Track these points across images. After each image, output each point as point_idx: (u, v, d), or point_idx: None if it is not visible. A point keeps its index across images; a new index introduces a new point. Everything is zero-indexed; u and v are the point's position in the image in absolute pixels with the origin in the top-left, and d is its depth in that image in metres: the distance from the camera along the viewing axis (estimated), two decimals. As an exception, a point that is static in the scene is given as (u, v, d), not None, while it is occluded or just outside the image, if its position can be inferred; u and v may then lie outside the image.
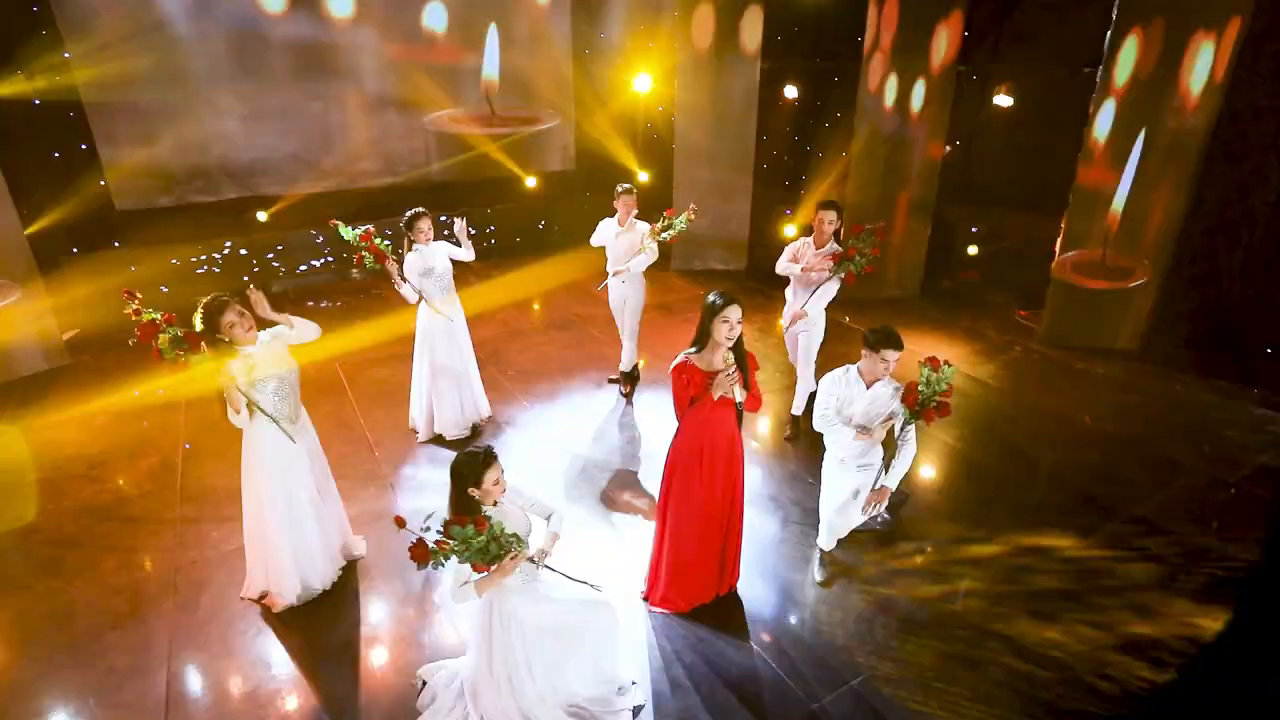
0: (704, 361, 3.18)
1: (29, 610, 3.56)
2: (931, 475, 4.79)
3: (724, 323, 3.06)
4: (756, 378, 3.30)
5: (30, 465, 4.76)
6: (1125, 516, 4.33)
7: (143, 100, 7.33)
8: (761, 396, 3.38)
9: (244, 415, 3.25)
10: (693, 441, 3.30)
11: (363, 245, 4.38)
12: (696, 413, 3.20)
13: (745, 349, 3.25)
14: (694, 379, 3.17)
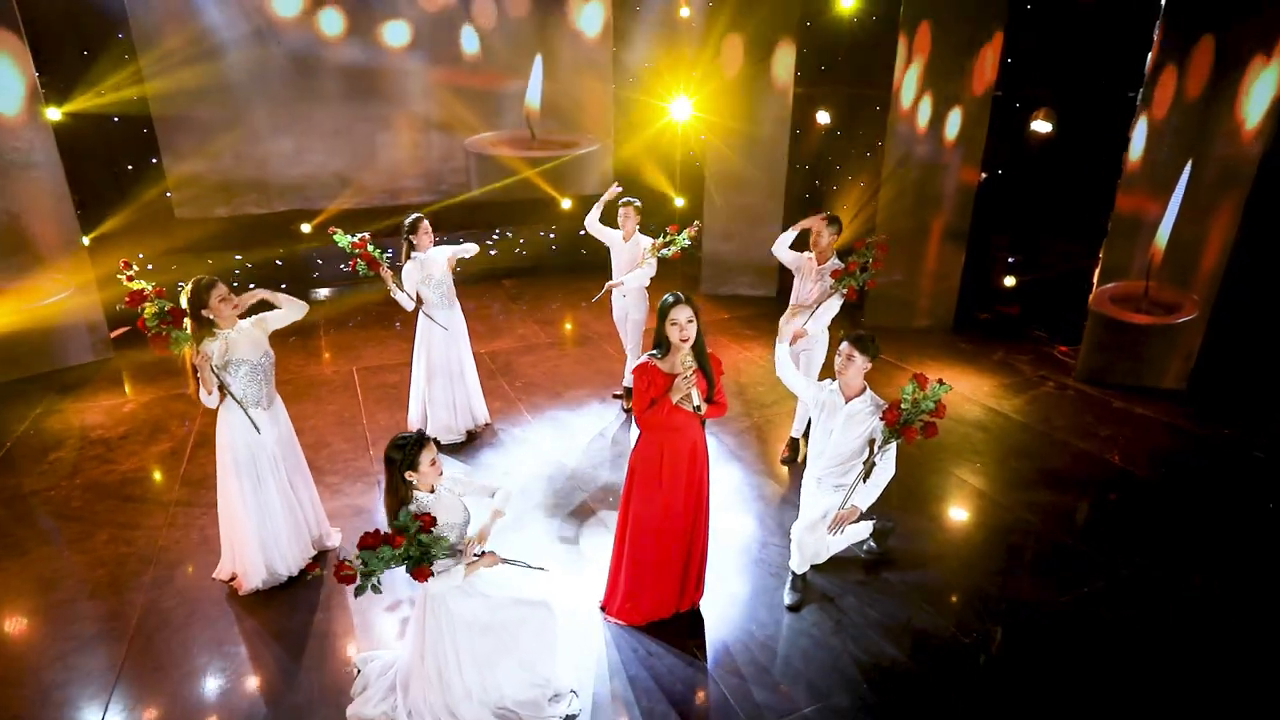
0: (667, 364, 3.12)
1: (21, 572, 3.76)
2: (929, 505, 4.53)
3: (673, 325, 3.01)
4: (721, 383, 3.22)
5: (54, 443, 5.07)
6: (1131, 569, 3.98)
7: (205, 116, 7.89)
8: (726, 403, 3.29)
9: (214, 396, 3.37)
10: (653, 447, 3.23)
11: (356, 252, 4.53)
12: (656, 416, 3.13)
13: (708, 352, 3.18)
14: (655, 381, 3.11)
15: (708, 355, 3.17)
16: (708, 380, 3.16)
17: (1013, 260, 7.61)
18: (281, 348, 6.95)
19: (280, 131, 8.34)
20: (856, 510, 3.40)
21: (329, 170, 8.71)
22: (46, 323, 6.12)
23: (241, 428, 3.46)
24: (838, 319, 4.77)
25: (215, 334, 3.36)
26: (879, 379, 6.37)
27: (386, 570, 2.47)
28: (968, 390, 6.20)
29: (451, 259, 4.92)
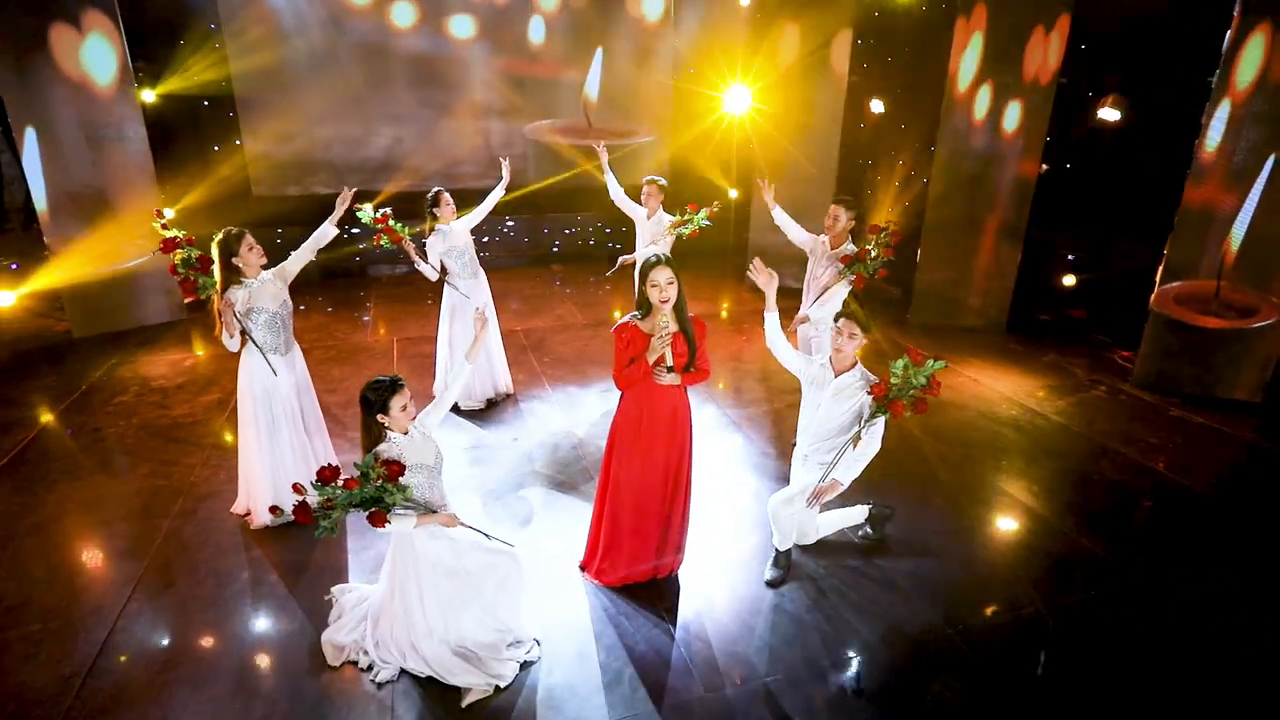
0: (647, 325, 3.15)
1: (73, 494, 4.18)
2: (938, 497, 4.36)
3: (653, 286, 3.03)
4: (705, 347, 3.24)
5: (121, 389, 5.57)
6: (1151, 574, 3.71)
7: (282, 100, 8.44)
8: (709, 369, 3.30)
9: (235, 340, 3.64)
10: (632, 409, 3.27)
11: (378, 227, 4.76)
12: (633, 375, 3.16)
13: (690, 315, 3.19)
14: (634, 340, 3.15)
15: (689, 318, 3.18)
16: (689, 343, 3.16)
17: (1075, 258, 7.17)
18: (332, 317, 7.42)
19: (348, 116, 8.83)
20: (838, 484, 3.33)
21: (392, 153, 9.14)
22: (130, 285, 6.70)
23: (260, 371, 3.73)
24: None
25: (242, 282, 3.63)
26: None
27: (346, 514, 2.61)
28: (1007, 389, 5.91)
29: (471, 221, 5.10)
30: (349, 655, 3.00)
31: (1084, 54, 6.60)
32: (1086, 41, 6.56)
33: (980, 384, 6.04)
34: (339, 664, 2.97)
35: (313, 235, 3.96)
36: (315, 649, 3.04)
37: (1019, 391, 5.90)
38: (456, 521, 2.89)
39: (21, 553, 3.66)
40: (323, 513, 2.58)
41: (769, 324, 3.52)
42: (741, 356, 6.46)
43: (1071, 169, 6.97)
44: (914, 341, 6.92)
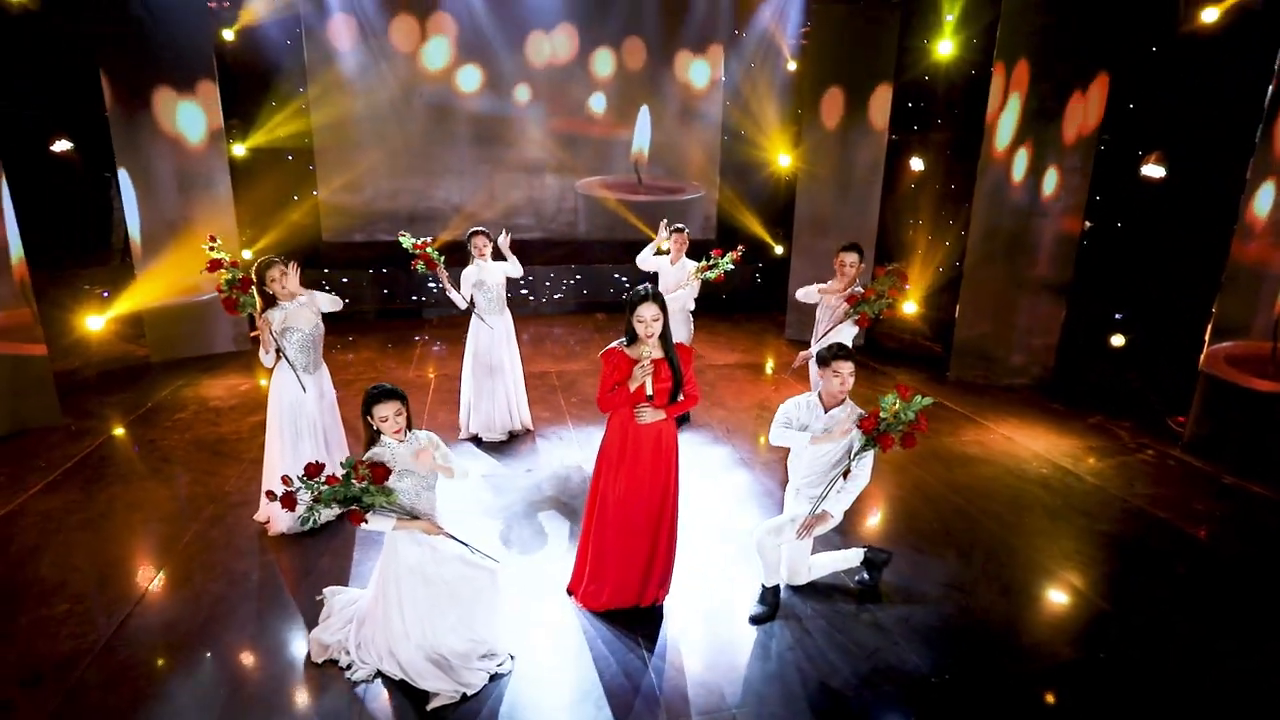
0: (634, 352, 3.28)
1: (120, 495, 4.56)
2: (943, 546, 4.22)
3: (639, 321, 3.17)
4: (692, 372, 3.34)
5: (181, 407, 6.06)
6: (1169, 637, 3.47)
7: (356, 156, 9.22)
8: (697, 395, 3.39)
9: (271, 355, 3.98)
10: (617, 433, 3.38)
11: (417, 253, 5.13)
12: (615, 400, 3.28)
13: (675, 343, 3.31)
14: (619, 366, 3.28)
15: (674, 347, 3.30)
16: (674, 372, 3.27)
17: (1124, 317, 6.91)
18: (382, 354, 7.86)
19: (414, 169, 9.54)
20: (828, 516, 3.32)
21: (451, 205, 9.77)
22: (202, 316, 7.34)
23: (289, 387, 4.05)
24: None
25: (280, 304, 3.99)
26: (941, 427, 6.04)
27: (328, 507, 2.80)
28: (1041, 448, 5.69)
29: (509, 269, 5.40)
30: (332, 654, 3.13)
31: (1131, 112, 6.53)
32: (1133, 99, 6.50)
33: (1013, 442, 5.84)
34: (321, 661, 3.11)
35: (338, 302, 4.31)
36: (304, 645, 3.19)
37: (1054, 451, 5.67)
38: (437, 529, 3.03)
39: (68, 543, 4.01)
40: (311, 505, 2.78)
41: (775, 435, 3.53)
42: (768, 404, 6.46)
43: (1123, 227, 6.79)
44: (951, 399, 6.78)
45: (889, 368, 7.76)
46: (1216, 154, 5.84)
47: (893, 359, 8.06)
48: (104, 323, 6.99)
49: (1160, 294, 6.54)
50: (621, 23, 9.57)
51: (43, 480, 4.73)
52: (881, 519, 4.63)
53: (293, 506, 2.80)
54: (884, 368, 7.76)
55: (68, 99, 6.54)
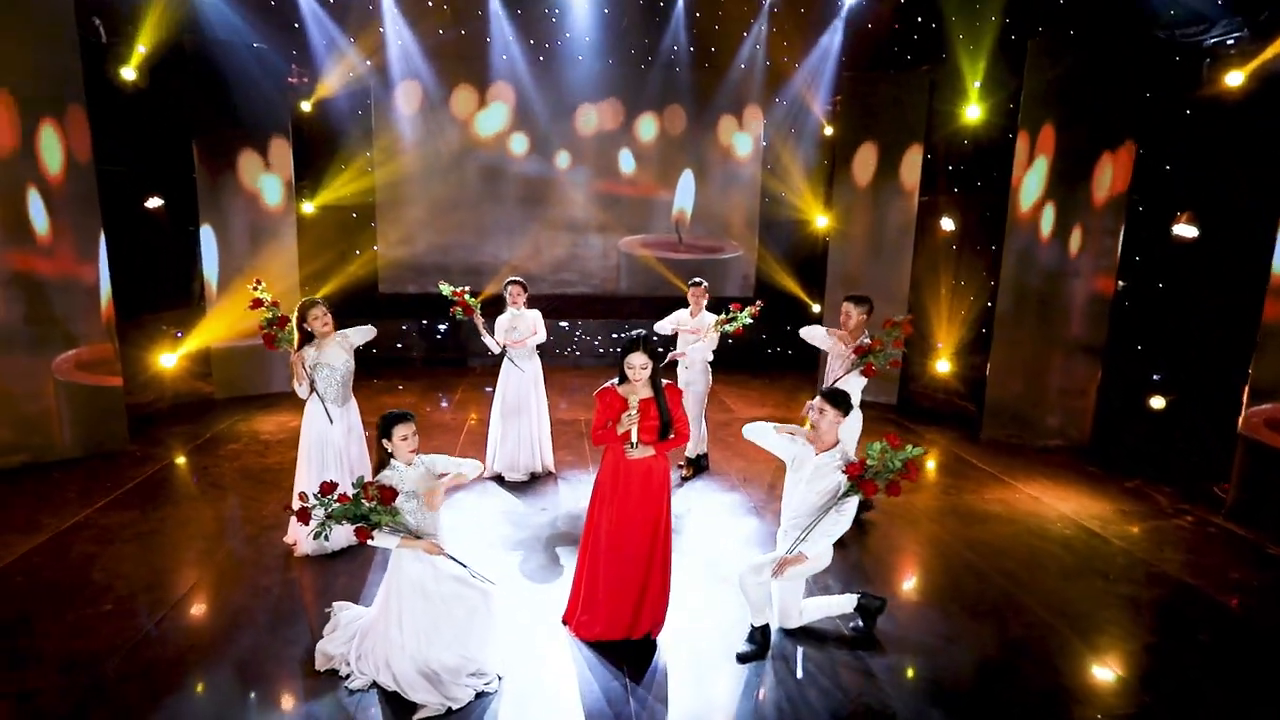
0: (626, 391, 3.49)
1: (170, 514, 4.98)
2: (948, 599, 4.15)
3: (629, 367, 3.38)
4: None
5: (234, 439, 6.54)
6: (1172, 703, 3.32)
7: (412, 213, 9.94)
8: (687, 432, 3.55)
9: (305, 388, 4.35)
10: (608, 470, 3.55)
11: (454, 300, 5.52)
12: (605, 437, 3.47)
13: (664, 385, 3.50)
14: (612, 404, 3.49)
15: (664, 390, 3.48)
16: (662, 412, 3.44)
17: (1162, 378, 6.72)
18: (423, 398, 8.28)
19: (466, 226, 10.18)
20: (803, 557, 3.38)
21: (500, 260, 10.32)
22: (261, 358, 7.92)
23: (319, 418, 4.40)
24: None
25: (314, 342, 4.39)
26: (965, 485, 5.96)
27: (339, 524, 3.06)
28: (1070, 509, 5.54)
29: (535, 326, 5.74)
30: (334, 664, 3.34)
31: (1161, 173, 6.53)
32: (1162, 161, 6.51)
33: (1040, 502, 5.71)
34: (323, 670, 3.32)
35: (372, 331, 4.69)
36: (310, 655, 3.41)
37: (1083, 513, 5.51)
38: (438, 549, 3.24)
39: (119, 552, 4.39)
40: (323, 520, 3.05)
41: (750, 427, 3.72)
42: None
43: (1157, 287, 6.69)
44: (982, 458, 6.69)
45: (921, 427, 7.70)
46: (1247, 214, 5.77)
47: (927, 418, 7.98)
48: (176, 360, 7.64)
49: (1197, 355, 6.37)
50: (662, 92, 10.14)
51: (106, 498, 5.20)
52: (887, 569, 4.61)
53: (307, 520, 3.07)
54: (916, 427, 7.70)
55: (162, 162, 7.37)
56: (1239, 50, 5.80)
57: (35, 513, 4.89)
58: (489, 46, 9.45)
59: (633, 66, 9.94)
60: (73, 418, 5.96)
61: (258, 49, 7.68)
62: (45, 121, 5.64)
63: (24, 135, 5.57)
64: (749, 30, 9.67)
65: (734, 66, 9.92)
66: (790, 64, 9.80)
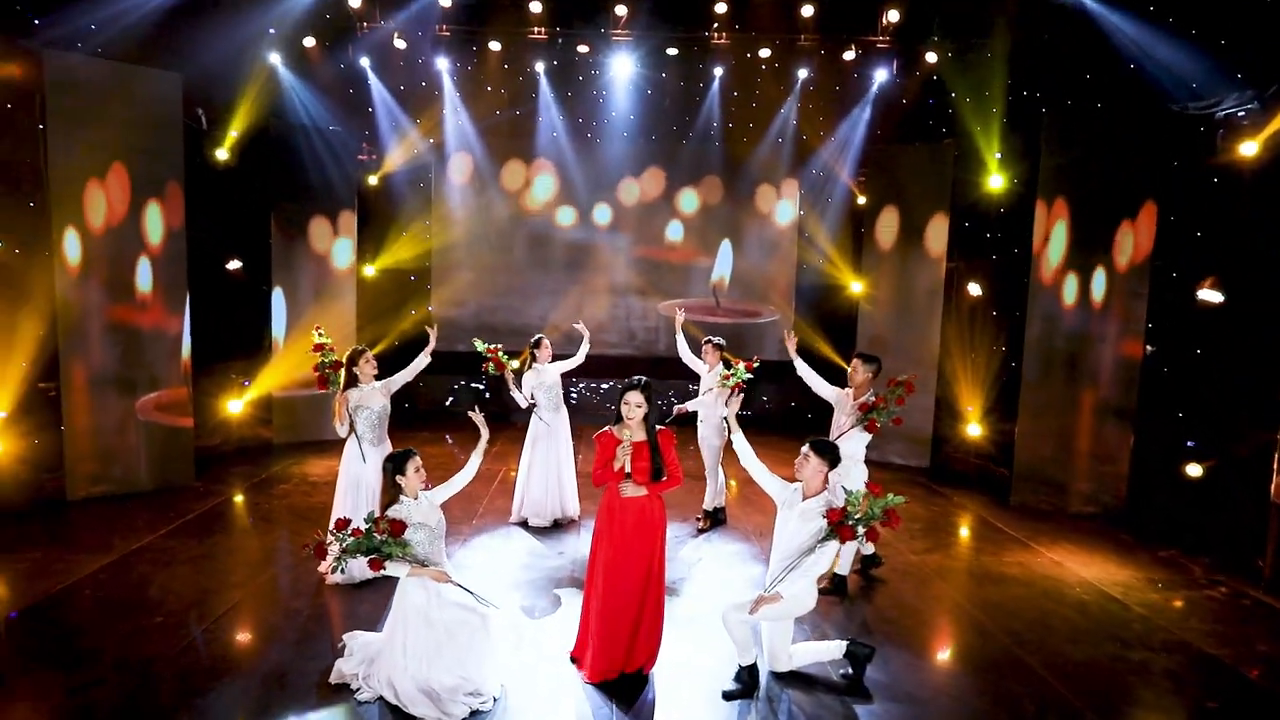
0: (621, 434, 3.78)
1: (222, 543, 5.50)
2: (947, 657, 4.16)
3: (625, 404, 3.70)
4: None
5: (287, 479, 7.09)
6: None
7: (465, 276, 10.68)
8: (679, 476, 3.79)
9: (345, 427, 4.82)
10: (605, 509, 3.80)
11: (488, 356, 5.98)
12: (604, 476, 3.74)
13: (658, 429, 3.78)
14: (608, 445, 3.78)
15: (657, 432, 3.76)
16: (653, 453, 3.71)
17: (1194, 445, 6.56)
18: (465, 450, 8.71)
19: (514, 289, 10.84)
20: (779, 597, 3.53)
21: (544, 321, 10.89)
22: (317, 407, 8.56)
23: (354, 458, 4.85)
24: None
25: (359, 386, 4.89)
26: (985, 547, 5.93)
27: (354, 557, 3.41)
28: (1092, 575, 5.45)
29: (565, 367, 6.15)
30: (346, 679, 3.64)
31: (1184, 238, 6.57)
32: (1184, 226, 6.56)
33: (1061, 567, 5.62)
34: (336, 683, 3.62)
35: (415, 363, 5.17)
36: (328, 670, 3.73)
37: (1105, 579, 5.40)
38: (446, 578, 3.56)
39: (174, 573, 4.87)
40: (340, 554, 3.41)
41: (737, 444, 3.95)
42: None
43: (1186, 352, 6.62)
44: (1009, 523, 6.63)
45: (952, 490, 7.65)
46: (1273, 280, 5.76)
47: (958, 482, 7.93)
48: (242, 406, 8.34)
49: (1231, 422, 6.23)
50: (700, 164, 10.75)
51: (169, 526, 5.74)
52: (887, 622, 4.62)
53: (324, 556, 3.44)
54: (947, 490, 7.66)
55: (243, 229, 8.28)
56: (1251, 121, 5.92)
57: (108, 536, 5.45)
58: (538, 125, 10.28)
59: (673, 141, 10.62)
60: (148, 454, 6.61)
61: (333, 131, 8.64)
62: (151, 197, 6.53)
63: (133, 207, 6.46)
64: (783, 105, 10.23)
65: (768, 140, 10.47)
66: (821, 137, 10.30)
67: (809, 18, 9.24)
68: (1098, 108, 6.77)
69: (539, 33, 9.45)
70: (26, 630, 4.12)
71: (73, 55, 6.13)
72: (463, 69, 9.86)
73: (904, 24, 9.23)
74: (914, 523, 6.54)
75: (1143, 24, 6.54)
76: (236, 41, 7.54)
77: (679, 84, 10.24)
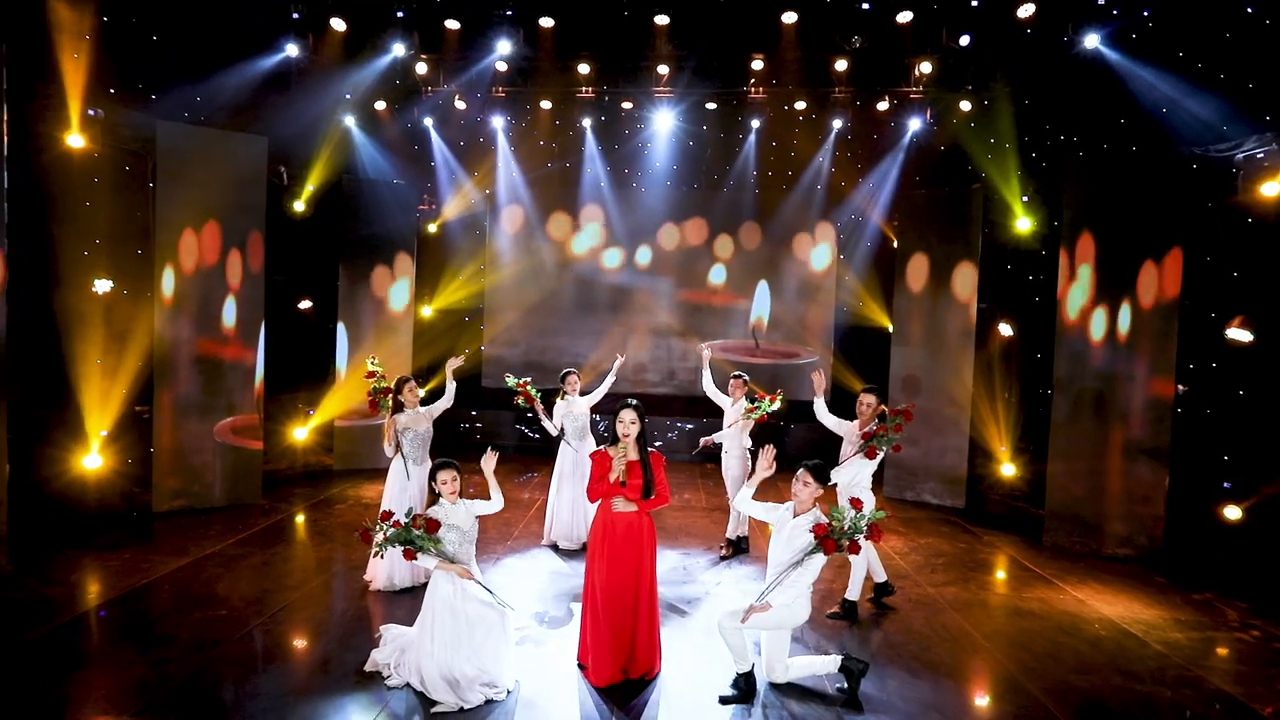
0: (615, 453, 4.12)
1: (282, 551, 6.08)
2: (947, 680, 4.27)
3: (620, 423, 4.06)
4: (664, 476, 4.11)
5: (342, 500, 7.68)
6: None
7: (514, 317, 11.34)
8: (667, 496, 4.09)
9: (392, 448, 5.35)
10: (598, 523, 4.11)
11: (519, 390, 6.46)
12: (598, 491, 4.05)
13: (650, 450, 4.11)
14: (602, 462, 4.10)
15: (649, 453, 4.10)
16: (645, 472, 4.03)
17: (1231, 486, 6.45)
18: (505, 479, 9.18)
19: (561, 329, 11.43)
20: (768, 606, 3.78)
21: (588, 360, 11.41)
22: (373, 437, 9.20)
23: (399, 472, 5.36)
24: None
25: (405, 410, 5.43)
26: (1007, 583, 5.96)
27: (392, 546, 3.86)
28: (1114, 613, 5.42)
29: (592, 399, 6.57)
30: (379, 668, 4.05)
31: (1213, 278, 6.60)
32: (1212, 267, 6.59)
33: (1084, 604, 5.61)
34: (371, 671, 4.04)
35: (449, 392, 5.68)
36: (363, 658, 4.16)
37: (1128, 618, 5.37)
38: (469, 575, 3.96)
39: (238, 575, 5.44)
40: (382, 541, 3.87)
41: (743, 495, 4.21)
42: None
43: (1218, 392, 6.56)
44: (1037, 562, 6.61)
45: (984, 530, 7.63)
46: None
47: (992, 523, 7.89)
48: (306, 434, 9.07)
49: (1269, 463, 6.13)
50: (740, 210, 11.23)
51: (236, 537, 6.36)
52: (892, 646, 4.74)
53: (369, 542, 3.91)
54: (977, 529, 7.65)
55: (313, 272, 9.15)
56: (1270, 162, 6.00)
57: (185, 543, 6.11)
58: (584, 175, 10.99)
59: (712, 189, 11.16)
60: (222, 473, 7.32)
61: (397, 184, 9.52)
62: (236, 243, 7.39)
63: (221, 253, 7.32)
64: (818, 154, 10.65)
65: (804, 187, 10.89)
66: (856, 183, 10.65)
67: (842, 71, 9.69)
68: (1118, 152, 6.93)
69: (586, 91, 10.19)
70: (116, 616, 4.73)
71: (179, 124, 7.10)
72: (516, 125, 10.69)
73: (936, 75, 9.58)
74: (937, 558, 6.61)
75: (1162, 70, 6.73)
76: (316, 106, 8.52)
77: (718, 135, 10.81)
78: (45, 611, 4.69)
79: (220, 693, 3.83)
